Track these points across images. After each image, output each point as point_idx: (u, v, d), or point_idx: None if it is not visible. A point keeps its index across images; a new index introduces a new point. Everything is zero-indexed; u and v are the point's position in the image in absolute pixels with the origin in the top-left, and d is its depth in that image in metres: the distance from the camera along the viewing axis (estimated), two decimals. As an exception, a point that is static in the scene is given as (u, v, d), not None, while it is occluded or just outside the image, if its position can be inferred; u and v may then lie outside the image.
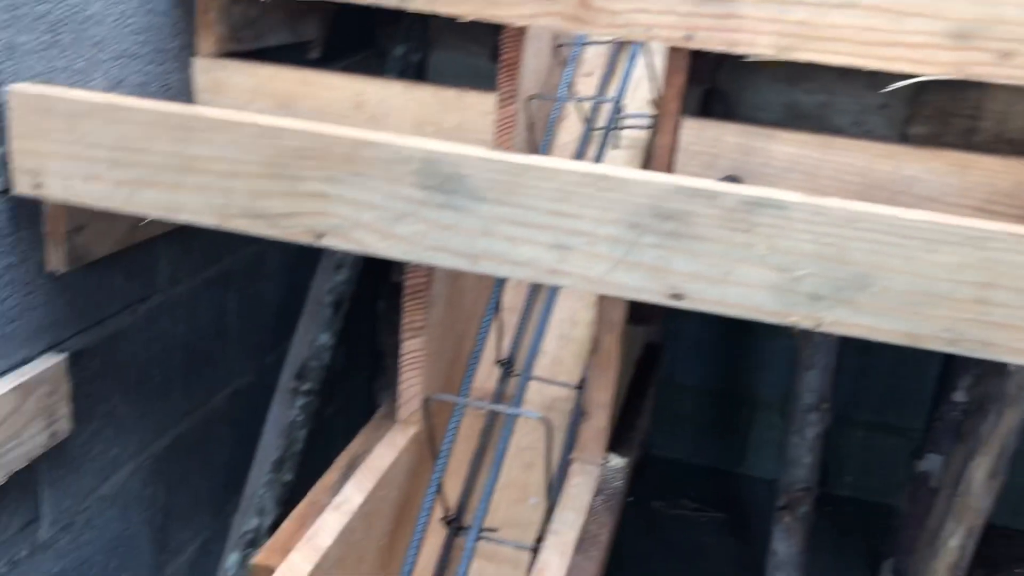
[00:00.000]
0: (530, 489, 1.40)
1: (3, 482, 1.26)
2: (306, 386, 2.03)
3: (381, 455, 1.14)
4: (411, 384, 1.20)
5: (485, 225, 1.03)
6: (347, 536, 1.02)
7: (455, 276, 1.30)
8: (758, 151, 1.42)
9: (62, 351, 1.38)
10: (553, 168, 0.99)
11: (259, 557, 1.00)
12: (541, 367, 1.57)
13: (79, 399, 1.44)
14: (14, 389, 1.27)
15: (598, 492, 1.09)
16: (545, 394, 1.52)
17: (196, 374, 1.82)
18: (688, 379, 3.04)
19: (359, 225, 1.08)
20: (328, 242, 1.10)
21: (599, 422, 1.13)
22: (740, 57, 1.25)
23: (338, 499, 1.05)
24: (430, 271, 1.19)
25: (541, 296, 1.59)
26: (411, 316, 1.19)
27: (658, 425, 3.07)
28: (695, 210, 0.97)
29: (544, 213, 1.01)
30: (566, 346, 1.59)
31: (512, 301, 1.64)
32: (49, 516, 1.44)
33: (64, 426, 1.38)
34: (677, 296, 0.99)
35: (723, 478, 3.06)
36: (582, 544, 0.98)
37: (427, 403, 1.11)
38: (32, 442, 1.32)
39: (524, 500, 1.40)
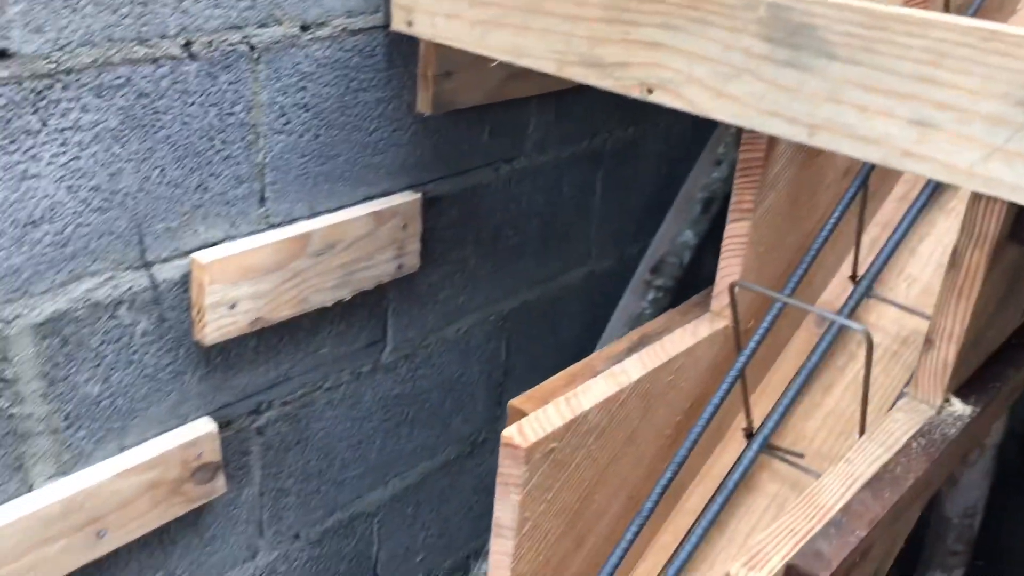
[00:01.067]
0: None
1: (349, 298, 1.38)
2: (659, 281, 1.96)
3: (677, 338, 1.05)
4: (729, 273, 1.08)
5: (832, 88, 0.87)
6: (613, 407, 0.95)
7: (807, 162, 1.13)
8: None
9: (419, 192, 1.46)
10: (924, 20, 0.79)
11: (516, 400, 0.98)
12: (908, 294, 1.34)
13: (431, 241, 1.52)
14: (369, 215, 1.37)
15: (920, 434, 0.89)
16: (904, 324, 1.30)
17: (553, 246, 1.84)
18: None
19: (691, 80, 0.97)
20: (657, 98, 1.01)
21: (943, 355, 0.92)
22: None
23: (615, 368, 0.99)
24: (770, 146, 1.04)
25: (926, 212, 1.35)
26: (740, 196, 1.06)
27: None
28: (1119, 87, 0.71)
29: (907, 79, 0.82)
30: (945, 276, 1.34)
31: (889, 215, 1.41)
32: (392, 342, 1.56)
33: (412, 261, 1.47)
34: (1069, 202, 0.75)
35: None
36: (875, 481, 0.81)
37: (732, 290, 0.98)
38: (380, 268, 1.42)
39: (849, 434, 1.22)
